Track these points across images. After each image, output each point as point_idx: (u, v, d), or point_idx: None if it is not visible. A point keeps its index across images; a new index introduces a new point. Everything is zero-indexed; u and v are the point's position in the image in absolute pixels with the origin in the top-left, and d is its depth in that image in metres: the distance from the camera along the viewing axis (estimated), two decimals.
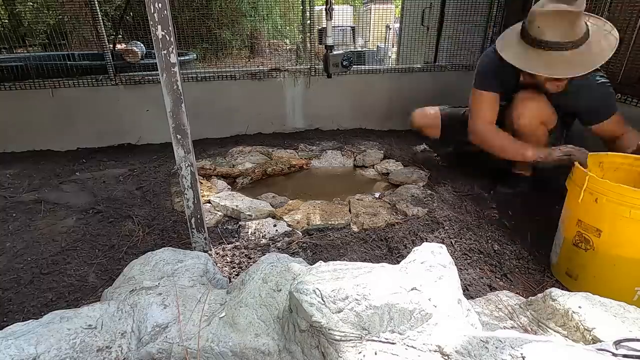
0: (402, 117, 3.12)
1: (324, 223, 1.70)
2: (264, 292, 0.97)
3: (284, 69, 2.85)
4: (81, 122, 2.66)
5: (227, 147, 2.65)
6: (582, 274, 1.30)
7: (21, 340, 0.80)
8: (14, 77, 2.51)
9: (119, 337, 0.91)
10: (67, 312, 0.92)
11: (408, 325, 0.79)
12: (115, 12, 4.18)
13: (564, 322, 0.98)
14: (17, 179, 2.18)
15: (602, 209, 1.18)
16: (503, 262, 1.49)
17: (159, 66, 1.18)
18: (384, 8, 4.06)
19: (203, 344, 0.89)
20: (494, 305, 1.14)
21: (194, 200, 1.39)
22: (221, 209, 1.82)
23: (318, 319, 0.76)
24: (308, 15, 2.78)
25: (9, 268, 1.46)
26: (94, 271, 1.45)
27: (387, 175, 2.28)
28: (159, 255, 1.18)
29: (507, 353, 0.70)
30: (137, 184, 2.14)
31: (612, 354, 0.72)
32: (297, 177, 2.34)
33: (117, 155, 2.59)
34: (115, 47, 2.78)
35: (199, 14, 2.96)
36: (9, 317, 1.22)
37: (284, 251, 1.52)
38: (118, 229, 1.71)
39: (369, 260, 1.46)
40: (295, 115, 3.01)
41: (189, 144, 1.30)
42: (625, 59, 1.91)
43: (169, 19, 1.14)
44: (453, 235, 1.61)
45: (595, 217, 1.23)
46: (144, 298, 0.98)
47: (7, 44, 2.61)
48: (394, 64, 3.85)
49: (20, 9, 3.10)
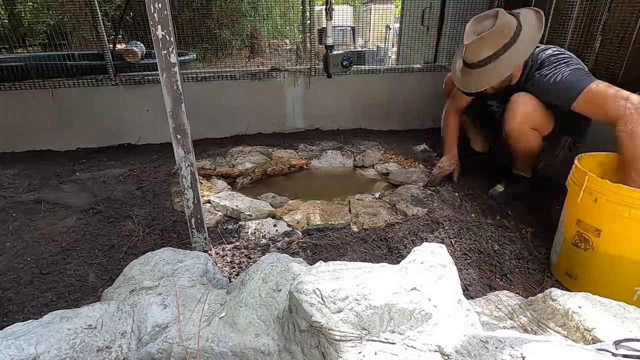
0: (402, 117, 3.13)
1: (324, 223, 1.70)
2: (264, 292, 0.97)
3: (284, 69, 2.85)
4: (81, 122, 2.66)
5: (227, 147, 2.65)
6: (582, 273, 1.30)
7: (21, 340, 0.80)
8: (14, 77, 2.51)
9: (119, 337, 0.91)
10: (67, 312, 0.92)
11: (408, 325, 0.79)
12: (115, 12, 4.18)
13: (564, 322, 0.98)
14: (17, 179, 2.18)
15: (602, 209, 1.18)
16: (503, 262, 1.49)
17: (159, 66, 1.18)
18: (384, 8, 4.06)
19: (203, 344, 0.89)
20: (494, 305, 1.14)
21: (194, 200, 1.39)
22: (221, 209, 1.82)
23: (318, 319, 0.76)
24: (308, 15, 2.78)
25: (9, 268, 1.46)
26: (94, 271, 1.45)
27: (387, 175, 2.28)
28: (159, 255, 1.18)
29: (507, 353, 0.70)
30: (137, 184, 2.14)
31: (612, 354, 0.72)
32: (297, 177, 2.34)
33: (117, 155, 2.59)
34: (115, 47, 2.78)
35: (199, 14, 2.96)
36: (9, 317, 1.23)
37: (284, 251, 1.52)
38: (118, 229, 1.71)
39: (369, 260, 1.46)
40: (295, 115, 3.01)
41: (189, 144, 1.30)
42: (625, 59, 1.91)
43: (169, 19, 1.14)
44: (453, 235, 1.61)
45: (594, 217, 1.23)
46: (144, 298, 0.98)
47: (7, 44, 2.61)
48: (394, 63, 3.85)
49: (20, 9, 3.10)
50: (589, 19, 2.07)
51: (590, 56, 2.08)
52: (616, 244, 1.20)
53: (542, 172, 2.04)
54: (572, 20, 2.16)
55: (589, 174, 1.21)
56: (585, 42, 2.10)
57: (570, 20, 2.17)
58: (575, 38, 2.15)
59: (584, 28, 2.11)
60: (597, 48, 2.05)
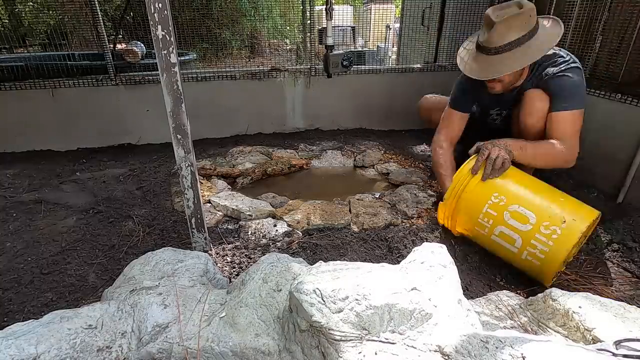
0: (402, 117, 3.12)
1: (324, 223, 1.70)
2: (264, 292, 0.97)
3: (284, 69, 2.85)
4: (81, 122, 2.66)
5: (227, 147, 2.65)
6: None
7: (21, 340, 0.80)
8: (14, 77, 2.50)
9: (119, 337, 0.91)
10: (67, 312, 0.92)
11: (408, 325, 0.79)
12: (115, 12, 4.19)
13: (564, 322, 0.98)
14: (17, 179, 2.18)
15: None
16: (503, 262, 1.49)
17: (159, 66, 1.18)
18: (384, 8, 4.07)
19: (203, 344, 0.89)
20: (494, 305, 1.14)
21: (194, 200, 1.39)
22: (221, 209, 1.82)
23: (318, 319, 0.76)
24: (308, 15, 2.78)
25: (9, 268, 1.46)
26: (94, 271, 1.45)
27: (387, 175, 2.28)
28: (159, 255, 1.18)
29: (507, 353, 0.70)
30: (137, 184, 2.14)
31: (612, 354, 0.72)
32: (297, 177, 2.34)
33: (117, 155, 2.59)
34: (116, 47, 2.78)
35: (199, 14, 2.96)
36: (9, 317, 1.23)
37: (284, 251, 1.52)
38: (118, 229, 1.71)
39: (369, 260, 1.46)
40: (295, 115, 3.01)
41: (189, 144, 1.30)
42: (625, 59, 1.91)
43: (169, 19, 1.14)
44: (453, 235, 1.61)
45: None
46: (144, 298, 0.98)
47: (7, 44, 2.61)
48: (394, 63, 3.85)
49: (20, 9, 3.10)
50: (589, 19, 2.07)
51: (590, 56, 2.08)
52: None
53: (542, 172, 2.04)
54: (572, 20, 2.16)
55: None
56: (585, 42, 2.10)
57: (570, 20, 2.17)
58: (575, 38, 2.15)
59: (584, 28, 2.10)
60: (597, 48, 2.05)
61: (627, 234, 1.62)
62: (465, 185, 1.46)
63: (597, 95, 1.98)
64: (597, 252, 1.56)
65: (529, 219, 1.31)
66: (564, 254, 1.25)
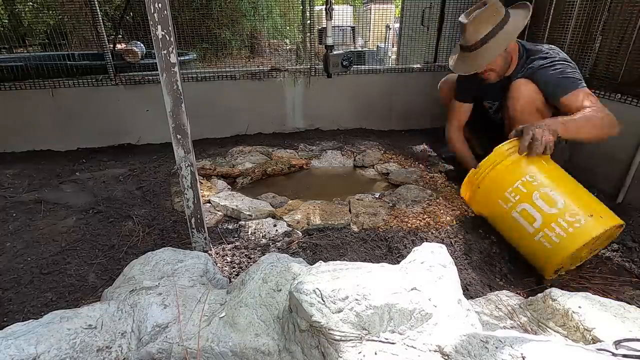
0: (402, 117, 3.13)
1: (324, 223, 1.69)
2: (264, 292, 0.97)
3: (284, 69, 2.85)
4: (81, 122, 2.66)
5: (227, 147, 2.65)
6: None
7: (21, 340, 0.80)
8: (14, 77, 2.50)
9: (119, 337, 0.91)
10: (67, 312, 0.92)
11: (408, 325, 0.79)
12: (115, 12, 4.18)
13: (564, 322, 0.98)
14: (17, 179, 2.18)
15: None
16: (503, 262, 1.49)
17: (159, 66, 1.18)
18: (384, 8, 4.06)
19: (203, 344, 0.89)
20: (494, 305, 1.14)
21: (194, 200, 1.39)
22: (221, 208, 1.82)
23: (318, 319, 0.76)
24: (308, 15, 2.78)
25: (9, 268, 1.46)
26: (94, 271, 1.45)
27: (387, 175, 2.28)
28: (159, 255, 1.18)
29: (507, 353, 0.70)
30: (137, 184, 2.14)
31: (612, 354, 0.72)
32: (297, 177, 2.34)
33: (117, 155, 2.59)
34: (115, 47, 2.77)
35: (199, 14, 2.96)
36: (9, 317, 1.23)
37: (284, 251, 1.52)
38: (118, 229, 1.71)
39: (369, 260, 1.46)
40: (295, 115, 3.01)
41: (189, 144, 1.30)
42: (625, 59, 1.91)
43: (169, 19, 1.14)
44: (453, 235, 1.61)
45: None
46: (144, 298, 0.98)
47: (7, 44, 2.61)
48: (394, 63, 3.85)
49: (20, 9, 3.10)
50: (589, 19, 2.07)
51: (590, 56, 2.08)
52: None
53: None
54: (572, 20, 2.16)
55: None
56: (585, 42, 2.10)
57: (570, 20, 2.17)
58: (575, 38, 2.15)
59: (584, 28, 2.11)
60: (597, 48, 2.05)
61: (627, 234, 1.62)
62: (503, 159, 1.49)
63: (597, 95, 1.98)
64: (596, 252, 1.56)
65: (557, 203, 1.33)
66: (580, 243, 1.26)
